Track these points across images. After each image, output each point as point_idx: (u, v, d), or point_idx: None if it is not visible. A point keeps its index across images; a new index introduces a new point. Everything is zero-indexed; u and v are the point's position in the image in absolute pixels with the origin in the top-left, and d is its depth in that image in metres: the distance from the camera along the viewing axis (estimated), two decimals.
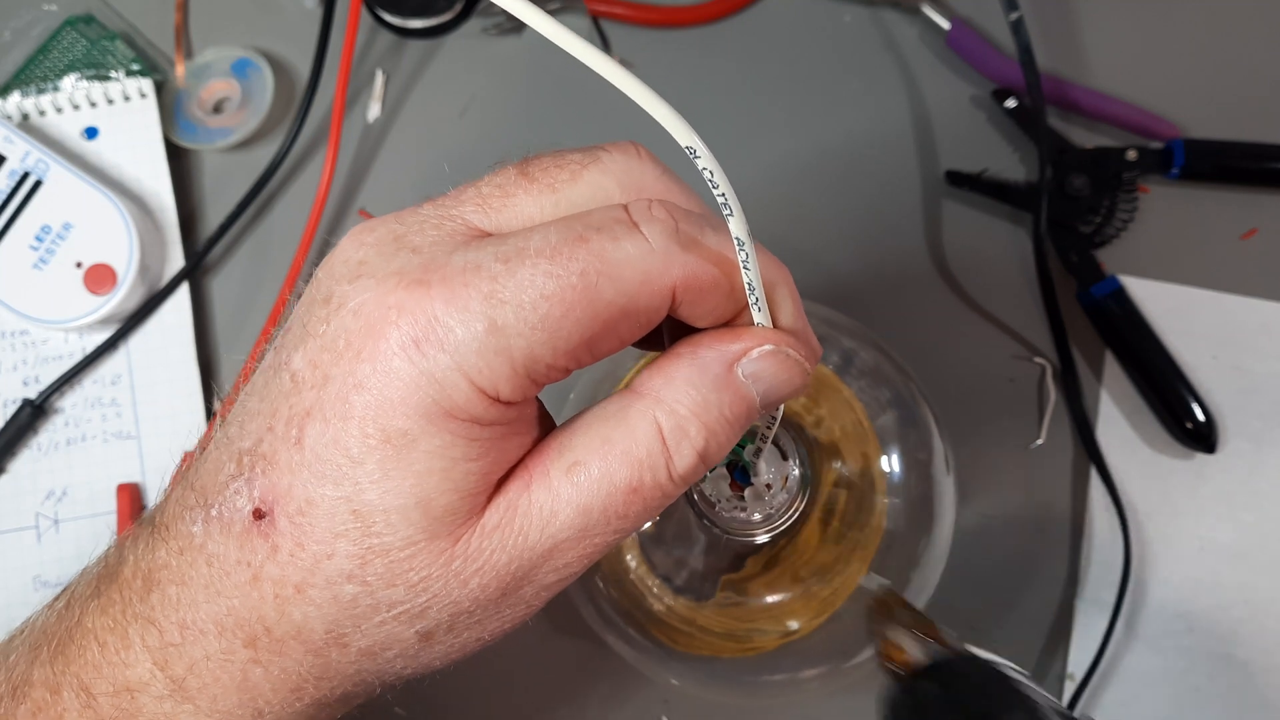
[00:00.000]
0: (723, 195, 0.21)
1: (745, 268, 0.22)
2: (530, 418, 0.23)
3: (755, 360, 0.24)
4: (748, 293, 0.23)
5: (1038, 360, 0.49)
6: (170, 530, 0.23)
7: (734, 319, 0.24)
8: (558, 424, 0.25)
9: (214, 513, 0.22)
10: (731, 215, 0.21)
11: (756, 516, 0.33)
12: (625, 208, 0.23)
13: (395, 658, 0.23)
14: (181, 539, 0.23)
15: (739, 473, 0.30)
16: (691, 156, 0.20)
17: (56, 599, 0.26)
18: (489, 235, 0.23)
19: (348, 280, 0.22)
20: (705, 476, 0.32)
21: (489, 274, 0.21)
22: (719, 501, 0.34)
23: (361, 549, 0.22)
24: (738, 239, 0.22)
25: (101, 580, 0.24)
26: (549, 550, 0.23)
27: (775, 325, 0.24)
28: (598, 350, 0.22)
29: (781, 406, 0.27)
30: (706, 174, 0.21)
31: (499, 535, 0.22)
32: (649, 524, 0.36)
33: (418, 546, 0.22)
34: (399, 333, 0.21)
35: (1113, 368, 0.48)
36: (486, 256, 0.21)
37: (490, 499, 0.23)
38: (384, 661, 0.23)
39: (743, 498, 0.35)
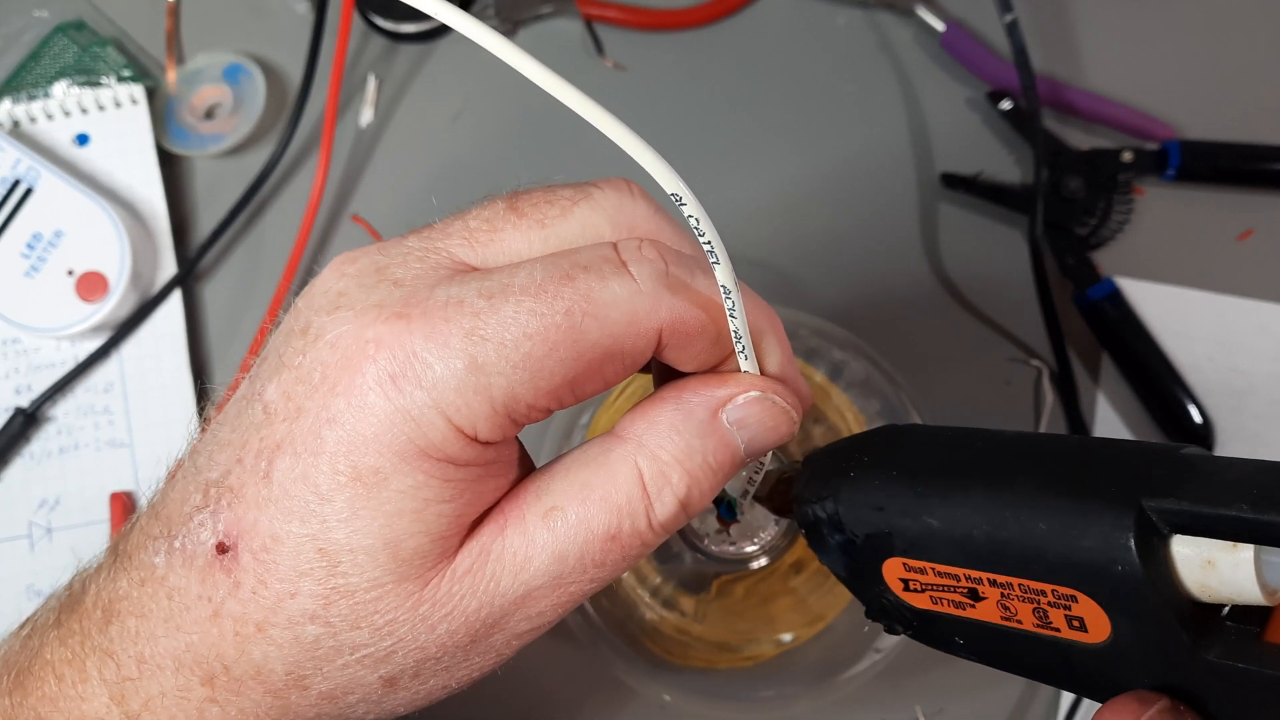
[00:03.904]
0: (709, 243, 0.21)
1: (732, 315, 0.22)
2: (509, 459, 0.23)
3: (741, 406, 0.23)
4: (734, 340, 0.23)
5: (1034, 363, 0.49)
6: (133, 560, 0.23)
7: (722, 364, 0.24)
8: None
9: (177, 544, 0.22)
10: (718, 263, 0.21)
11: (749, 548, 0.33)
12: (614, 246, 0.22)
13: (357, 703, 0.23)
14: (143, 569, 0.22)
15: (724, 509, 0.29)
16: (677, 203, 0.20)
17: (22, 626, 0.25)
18: (474, 270, 0.22)
19: (326, 311, 0.21)
20: None
21: (471, 310, 0.21)
22: (707, 535, 0.34)
23: (326, 589, 0.21)
24: (724, 287, 0.21)
25: (63, 610, 0.24)
26: (522, 597, 0.22)
27: (762, 372, 0.24)
28: (581, 391, 0.22)
29: (769, 455, 0.27)
30: (693, 221, 0.20)
31: (470, 580, 0.22)
32: None
33: (384, 589, 0.21)
34: (376, 367, 0.20)
35: (1109, 370, 0.48)
36: (470, 292, 0.21)
37: (463, 542, 0.22)
38: (345, 706, 0.23)
39: (729, 533, 0.34)
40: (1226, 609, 0.21)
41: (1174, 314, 0.48)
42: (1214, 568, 0.20)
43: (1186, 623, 0.21)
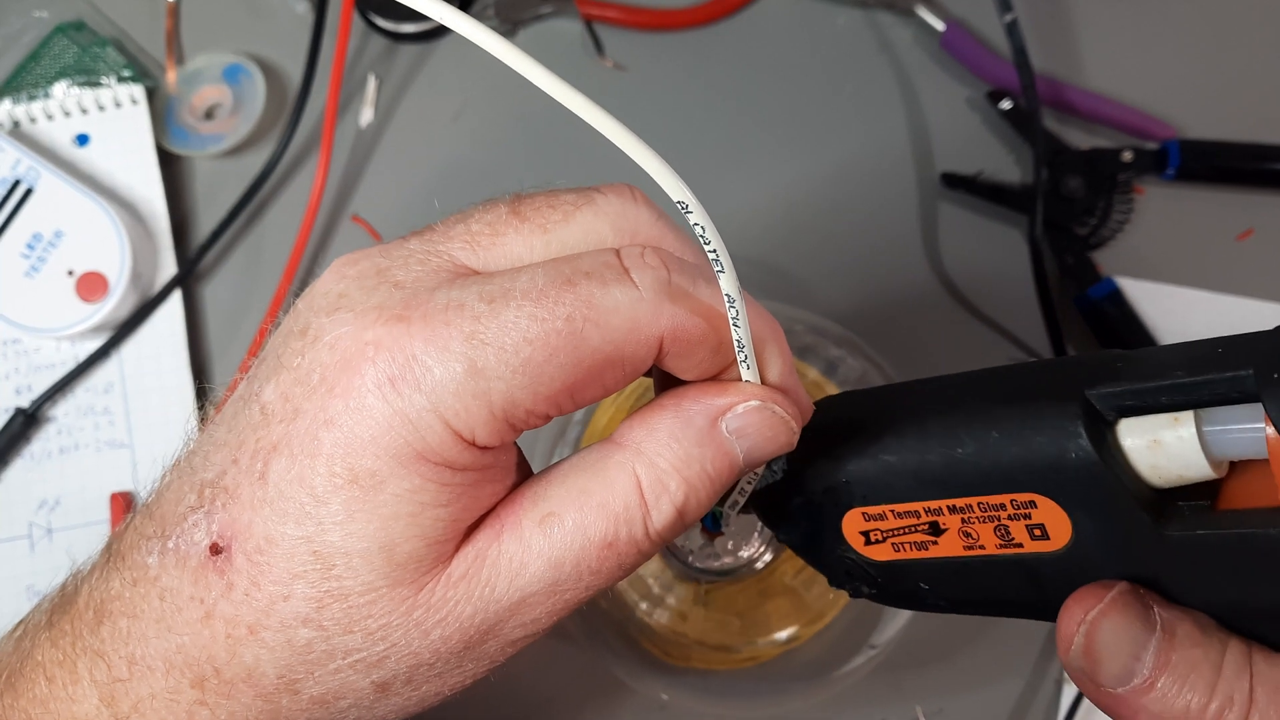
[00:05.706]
0: (714, 251, 0.21)
1: (735, 325, 0.22)
2: (506, 464, 0.23)
3: (740, 416, 0.23)
4: (736, 350, 0.23)
5: None
6: (126, 560, 0.23)
7: (723, 373, 0.24)
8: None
9: (170, 544, 0.22)
10: (723, 272, 0.21)
11: (732, 562, 0.33)
12: (617, 253, 0.22)
13: (349, 708, 0.23)
14: (136, 569, 0.22)
15: (709, 519, 0.29)
16: (683, 211, 0.20)
17: (15, 628, 0.25)
18: (476, 273, 0.22)
19: (326, 313, 0.21)
20: None
21: (472, 314, 0.21)
22: (692, 551, 0.33)
23: (319, 592, 0.21)
24: (728, 295, 0.21)
25: (55, 611, 0.24)
26: (516, 604, 0.22)
27: (763, 381, 0.24)
28: (580, 397, 0.22)
29: (764, 465, 0.27)
30: (698, 229, 0.20)
31: (465, 585, 0.22)
32: None
33: (379, 593, 0.21)
34: (375, 370, 0.20)
35: None
36: (470, 295, 0.21)
37: (459, 548, 0.22)
38: (337, 711, 0.23)
39: (714, 546, 0.34)
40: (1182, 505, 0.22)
41: (1174, 314, 0.48)
42: (1161, 446, 0.21)
43: (1145, 505, 0.21)
